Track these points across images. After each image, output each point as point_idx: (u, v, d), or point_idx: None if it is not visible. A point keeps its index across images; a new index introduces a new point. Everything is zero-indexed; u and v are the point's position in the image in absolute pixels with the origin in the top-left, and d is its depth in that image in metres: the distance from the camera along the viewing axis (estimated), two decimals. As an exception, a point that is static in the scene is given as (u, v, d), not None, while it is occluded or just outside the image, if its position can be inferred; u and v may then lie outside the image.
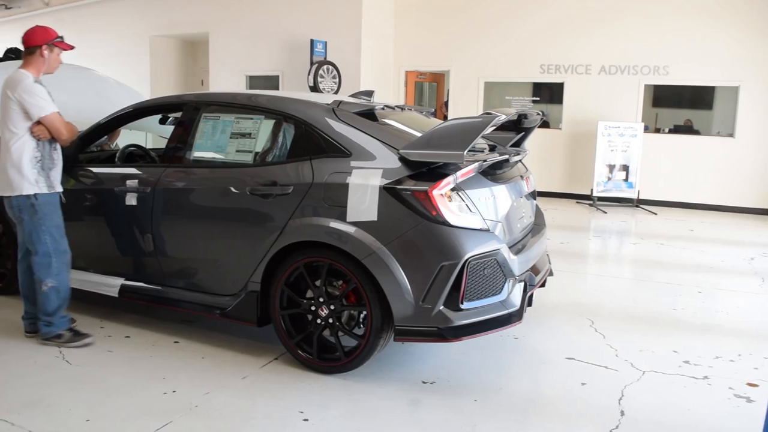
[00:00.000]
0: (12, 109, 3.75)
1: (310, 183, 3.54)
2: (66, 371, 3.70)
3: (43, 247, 3.88)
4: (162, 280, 4.13)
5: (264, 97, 4.05)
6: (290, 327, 3.70)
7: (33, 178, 3.82)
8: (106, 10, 13.77)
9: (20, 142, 3.78)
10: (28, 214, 3.85)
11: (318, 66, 10.58)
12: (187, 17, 12.60)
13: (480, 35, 11.34)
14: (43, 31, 3.88)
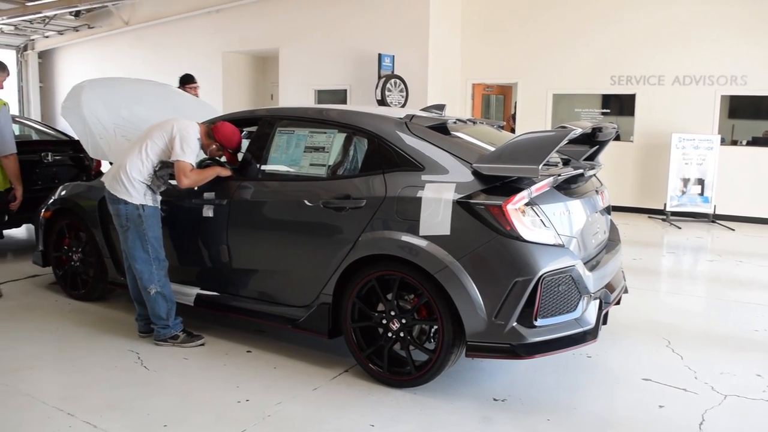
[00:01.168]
0: (162, 137, 4.11)
1: (383, 197, 3.56)
2: (144, 376, 3.82)
3: (145, 255, 4.12)
4: (236, 291, 4.23)
5: (336, 111, 4.11)
6: (361, 340, 3.71)
7: (142, 192, 4.11)
8: (181, 28, 14.27)
9: (141, 164, 4.10)
10: (134, 223, 4.09)
11: (386, 80, 10.66)
12: (259, 33, 12.92)
13: (548, 47, 11.20)
14: (230, 136, 4.22)
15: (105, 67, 15.42)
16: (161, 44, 14.81)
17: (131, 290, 4.39)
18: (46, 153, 6.96)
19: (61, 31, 16.34)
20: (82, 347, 4.27)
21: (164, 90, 6.10)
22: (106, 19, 15.49)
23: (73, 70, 17.56)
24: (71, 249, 5.20)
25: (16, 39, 17.36)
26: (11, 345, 4.33)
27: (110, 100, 5.22)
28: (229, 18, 13.34)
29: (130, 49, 15.48)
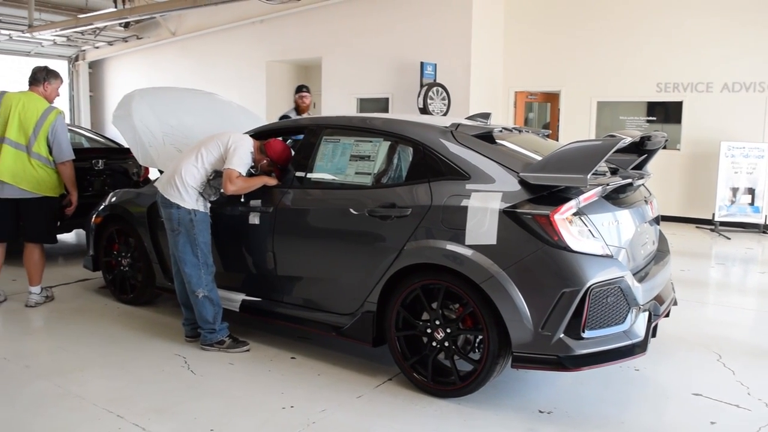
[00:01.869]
0: (217, 147, 4.24)
1: (428, 205, 3.55)
2: (190, 381, 3.88)
3: (194, 259, 4.21)
4: (281, 297, 4.27)
5: (382, 120, 4.12)
6: (405, 348, 3.70)
7: (194, 198, 4.21)
8: (226, 38, 14.53)
9: (196, 171, 4.21)
10: (185, 227, 4.19)
11: (428, 88, 10.67)
12: (302, 43, 13.07)
13: (593, 54, 11.06)
14: (280, 152, 4.33)
15: (152, 77, 15.80)
16: (207, 54, 15.11)
17: (179, 295, 4.47)
18: (96, 160, 7.15)
19: (110, 41, 16.80)
20: (131, 350, 4.36)
21: (210, 99, 6.21)
22: (153, 30, 15.87)
23: (122, 79, 18.04)
24: (120, 254, 5.32)
25: (68, 50, 17.92)
26: (63, 347, 4.44)
27: (159, 109, 5.34)
28: (272, 28, 13.53)
29: (177, 58, 15.83)
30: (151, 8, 12.50)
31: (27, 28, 13.65)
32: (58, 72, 5.55)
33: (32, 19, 13.22)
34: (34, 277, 5.36)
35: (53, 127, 5.20)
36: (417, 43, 11.44)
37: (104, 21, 13.28)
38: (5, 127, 5.11)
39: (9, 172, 5.10)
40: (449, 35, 11.09)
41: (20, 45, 16.85)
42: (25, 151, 5.13)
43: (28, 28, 13.52)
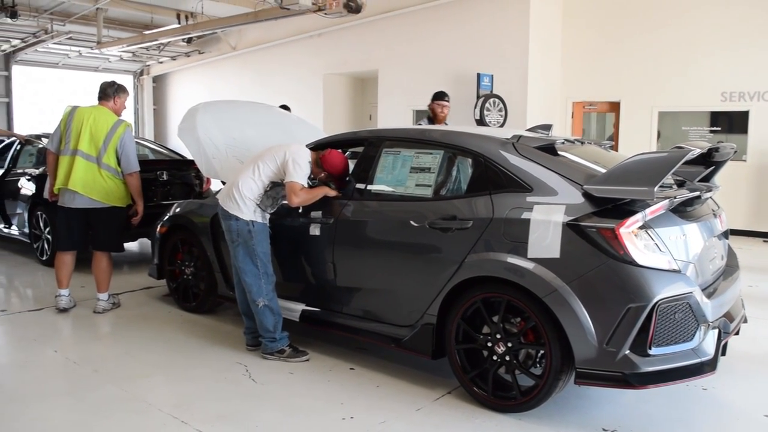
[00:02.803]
0: (274, 160, 4.29)
1: (489, 218, 3.53)
2: (252, 389, 3.94)
3: (254, 269, 4.28)
4: (340, 308, 4.30)
5: (442, 132, 4.12)
6: (465, 362, 3.68)
7: (252, 210, 4.29)
8: (284, 51, 14.80)
9: (253, 184, 4.29)
10: (244, 238, 4.27)
11: (484, 99, 10.61)
12: (359, 55, 13.20)
13: (654, 62, 10.80)
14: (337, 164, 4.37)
15: (213, 90, 16.21)
16: (265, 67, 15.41)
17: (240, 304, 4.55)
18: (161, 172, 7.37)
19: (173, 56, 17.34)
20: (194, 358, 4.46)
21: (271, 112, 6.33)
22: (215, 45, 16.29)
23: (184, 92, 18.58)
24: (184, 263, 5.46)
25: (134, 65, 18.58)
26: (129, 352, 4.58)
27: (222, 122, 5.47)
28: (330, 41, 13.71)
29: (237, 72, 16.20)
30: (213, 24, 12.84)
31: (96, 45, 14.21)
32: (125, 86, 5.77)
33: (101, 36, 13.75)
34: (102, 285, 5.55)
35: (122, 140, 5.40)
36: (473, 54, 11.40)
37: (168, 37, 13.71)
38: (78, 140, 5.32)
39: (80, 183, 5.30)
40: (506, 46, 11.02)
41: (89, 61, 17.56)
42: (95, 162, 5.33)
43: (97, 44, 14.07)
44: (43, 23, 13.57)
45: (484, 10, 11.26)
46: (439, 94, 6.77)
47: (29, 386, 3.97)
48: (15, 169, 8.08)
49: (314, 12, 9.68)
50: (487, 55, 11.25)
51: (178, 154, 8.52)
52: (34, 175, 7.53)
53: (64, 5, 12.96)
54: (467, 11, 11.49)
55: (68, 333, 5.16)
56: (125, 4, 12.95)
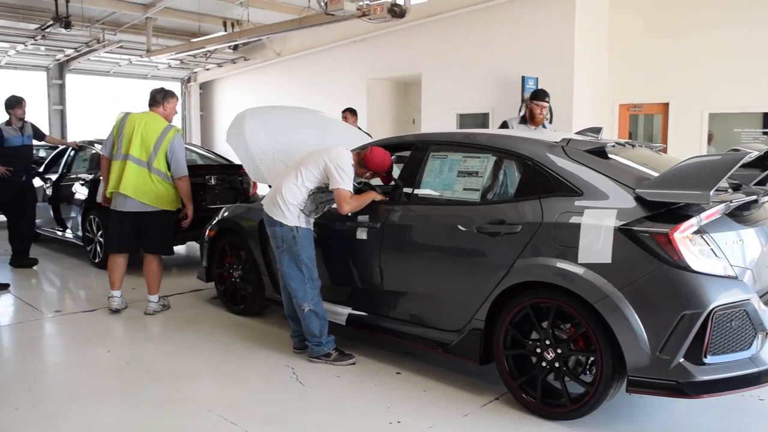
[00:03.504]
0: (316, 165, 4.29)
1: (539, 222, 3.49)
2: (299, 391, 3.97)
3: (299, 274, 4.30)
4: (387, 312, 4.30)
5: (489, 135, 4.10)
6: (513, 368, 3.64)
7: (296, 215, 4.30)
8: (328, 57, 14.91)
9: (296, 190, 4.30)
10: (288, 244, 4.30)
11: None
12: (402, 60, 13.22)
13: (704, 63, 10.52)
14: (380, 162, 4.36)
15: (257, 96, 16.42)
16: (309, 73, 15.56)
17: (286, 308, 4.59)
18: (209, 176, 7.50)
19: (220, 63, 17.63)
20: (242, 360, 4.52)
21: (317, 117, 6.38)
22: (260, 51, 16.52)
23: (230, 99, 18.89)
24: (232, 266, 5.54)
25: (181, 72, 18.96)
26: (179, 353, 4.67)
27: (269, 127, 5.54)
28: (373, 46, 13.76)
29: (281, 78, 16.39)
30: (258, 31, 13.01)
31: (145, 53, 14.54)
32: (173, 92, 5.87)
33: (150, 44, 14.07)
34: (152, 287, 5.67)
35: (172, 145, 5.51)
36: (518, 57, 11.31)
37: (215, 44, 13.95)
38: (129, 145, 5.45)
39: (131, 187, 5.43)
40: (551, 48, 10.90)
41: (138, 68, 18.00)
42: (146, 167, 5.45)
43: (147, 52, 14.40)
44: (96, 33, 13.94)
45: (529, 12, 11.16)
46: (539, 92, 6.25)
47: (85, 385, 4.08)
48: (69, 174, 8.33)
49: (358, 17, 9.72)
50: (531, 57, 11.14)
51: (226, 159, 8.67)
52: (87, 179, 7.75)
53: (115, 15, 13.31)
54: (511, 14, 11.40)
55: (120, 334, 5.29)
56: (174, 14, 13.23)
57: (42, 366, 4.60)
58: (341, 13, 9.25)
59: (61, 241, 8.76)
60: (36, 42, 14.15)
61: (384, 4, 9.42)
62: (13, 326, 5.46)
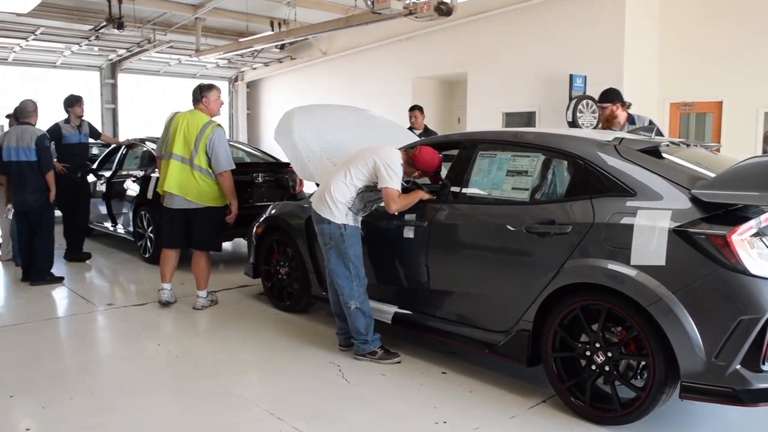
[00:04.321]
0: (365, 164, 4.29)
1: (590, 223, 3.42)
2: (345, 389, 3.98)
3: (347, 272, 4.32)
4: (433, 311, 4.29)
5: (540, 134, 4.04)
6: (562, 370, 3.58)
7: (344, 213, 4.32)
8: (373, 56, 14.94)
9: (345, 188, 4.31)
10: (336, 241, 4.32)
11: (577, 101, 10.33)
12: (448, 58, 13.16)
13: (759, 59, 10.18)
14: (429, 161, 4.35)
15: (303, 95, 16.55)
16: (354, 72, 15.61)
17: (332, 305, 4.61)
18: (256, 174, 7.60)
19: (266, 62, 17.83)
20: (288, 356, 4.56)
21: (363, 115, 6.40)
22: (306, 51, 16.65)
23: (275, 97, 19.10)
24: (279, 263, 5.60)
25: (229, 71, 19.25)
26: (226, 349, 4.74)
27: (317, 126, 5.57)
28: (418, 44, 13.73)
29: (327, 77, 16.49)
30: (305, 30, 13.11)
31: (194, 53, 14.80)
32: (211, 84, 5.81)
33: (199, 44, 14.31)
34: (200, 282, 5.77)
35: (210, 140, 5.50)
36: (565, 55, 11.14)
37: (262, 44, 14.10)
38: (173, 143, 5.54)
39: (176, 184, 5.53)
40: (600, 46, 10.71)
41: (187, 68, 18.34)
42: (188, 164, 5.51)
43: (196, 52, 14.66)
44: (147, 33, 14.25)
45: (577, 10, 10.99)
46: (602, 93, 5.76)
47: (136, 377, 4.18)
48: (121, 171, 8.54)
49: (405, 16, 9.71)
50: (579, 55, 10.97)
51: (273, 156, 8.76)
52: (138, 176, 7.93)
53: (165, 16, 13.58)
54: (559, 11, 11.24)
55: (170, 328, 5.40)
56: (222, 14, 13.43)
57: (95, 357, 4.73)
58: (388, 11, 9.26)
59: (113, 236, 8.99)
60: (90, 42, 14.52)
61: (431, 2, 9.38)
62: (68, 318, 5.62)
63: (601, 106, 5.66)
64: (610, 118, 5.58)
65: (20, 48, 14.77)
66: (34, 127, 6.78)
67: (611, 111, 5.55)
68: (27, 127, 6.72)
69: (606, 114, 5.60)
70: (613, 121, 5.57)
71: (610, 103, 5.56)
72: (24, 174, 6.59)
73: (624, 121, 5.57)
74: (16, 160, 6.58)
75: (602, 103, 5.62)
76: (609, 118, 5.58)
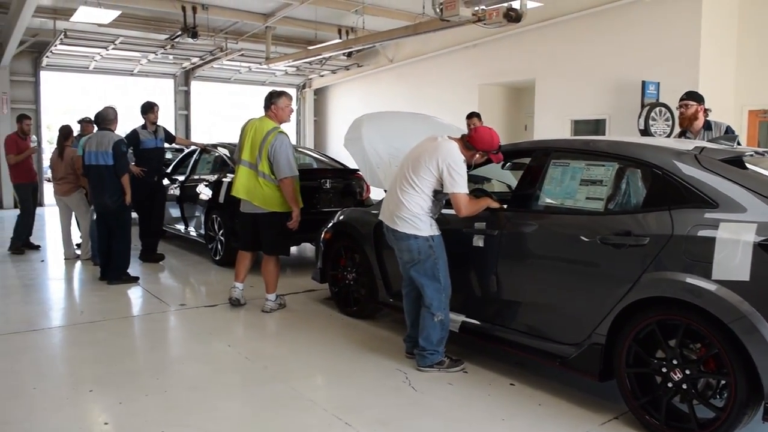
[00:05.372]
0: (430, 170, 4.18)
1: (669, 235, 3.31)
2: (411, 397, 3.97)
3: (437, 284, 4.25)
4: (502, 321, 4.23)
5: (617, 143, 3.94)
6: (636, 387, 3.47)
7: (428, 224, 4.25)
8: (440, 63, 14.94)
9: (419, 198, 4.22)
10: (425, 254, 4.24)
11: (650, 108, 10.05)
12: (515, 65, 13.03)
13: None
14: (489, 139, 4.28)
15: (369, 101, 16.69)
16: (420, 79, 15.65)
17: (407, 313, 4.55)
18: (324, 180, 7.70)
19: (334, 70, 18.07)
20: (355, 361, 4.58)
21: (432, 122, 6.39)
22: (373, 58, 16.79)
23: (342, 104, 19.33)
24: (346, 269, 5.64)
25: (297, 78, 19.60)
26: (295, 352, 4.80)
27: (386, 132, 5.60)
28: (486, 51, 13.65)
29: (393, 84, 16.59)
30: (373, 38, 13.23)
31: (264, 61, 15.15)
32: (282, 91, 5.86)
33: (269, 52, 14.64)
34: (269, 286, 5.87)
35: (272, 146, 5.54)
36: (638, 61, 10.86)
37: (331, 51, 14.30)
38: (242, 150, 5.67)
39: (244, 189, 5.65)
40: (674, 52, 10.38)
41: (257, 75, 18.78)
42: (254, 170, 5.61)
43: (266, 60, 15.00)
44: (219, 42, 14.68)
45: (651, 15, 10.70)
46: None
47: (208, 377, 4.28)
48: (194, 176, 8.80)
49: (473, 23, 9.67)
50: (652, 61, 10.66)
51: (340, 163, 8.85)
52: (210, 181, 8.16)
53: (237, 25, 13.96)
54: (631, 16, 10.97)
55: (240, 330, 5.52)
56: (292, 22, 13.70)
57: (168, 356, 4.89)
58: (456, 19, 9.23)
59: (185, 238, 9.27)
60: (165, 51, 15.06)
61: (500, 8, 9.32)
62: (143, 317, 5.83)
63: (687, 104, 5.50)
64: (692, 119, 5.45)
65: (101, 57, 15.44)
66: (113, 133, 7.08)
67: (696, 110, 5.44)
68: (107, 132, 7.03)
69: (689, 113, 5.46)
70: (693, 123, 5.46)
71: (697, 103, 5.45)
72: (103, 177, 6.89)
73: (701, 127, 5.45)
74: (96, 163, 6.88)
75: (689, 100, 5.49)
76: (691, 118, 5.45)
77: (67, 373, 4.43)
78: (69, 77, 17.73)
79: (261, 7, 12.96)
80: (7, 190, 14.98)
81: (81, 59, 15.93)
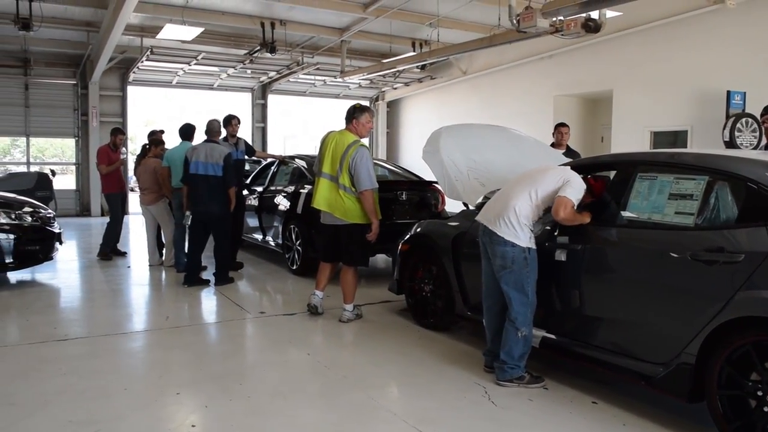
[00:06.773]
0: (554, 184, 4.16)
1: (765, 252, 3.19)
2: (492, 412, 3.94)
3: (524, 297, 4.22)
4: (584, 338, 4.15)
5: (708, 156, 3.82)
6: (728, 410, 3.34)
7: (529, 236, 4.22)
8: (514, 74, 14.84)
9: (530, 209, 4.20)
10: (519, 265, 4.20)
11: (735, 119, 9.67)
12: (592, 76, 12.82)
13: None
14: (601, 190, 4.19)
15: (440, 114, 16.72)
16: (494, 90, 15.58)
17: (489, 327, 4.51)
18: (400, 192, 7.76)
19: (407, 82, 18.21)
20: (433, 374, 4.59)
21: (510, 135, 6.36)
22: (446, 70, 16.83)
23: (414, 116, 19.44)
24: (423, 281, 5.66)
25: (370, 91, 19.86)
26: (373, 362, 4.85)
27: (464, 145, 5.61)
28: (561, 62, 13.49)
29: (466, 95, 16.57)
30: (447, 50, 13.28)
31: (339, 74, 15.43)
32: (366, 107, 5.94)
33: (344, 65, 14.91)
34: (347, 296, 5.96)
35: (353, 159, 5.62)
36: (722, 70, 10.49)
37: (405, 64, 14.43)
38: (322, 162, 5.78)
39: (325, 201, 5.76)
40: (761, 59, 9.97)
41: (332, 89, 19.13)
42: (335, 182, 5.71)
43: (341, 73, 15.28)
44: (296, 56, 15.05)
45: (735, 21, 10.33)
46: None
47: (289, 384, 4.37)
48: (272, 187, 9.03)
49: (551, 34, 9.57)
50: (738, 70, 10.29)
51: (416, 175, 8.90)
52: (288, 192, 8.35)
53: (313, 39, 14.29)
54: (714, 23, 10.63)
55: (318, 338, 5.62)
56: (367, 36, 13.93)
57: (250, 362, 5.03)
58: (533, 30, 9.17)
59: (262, 247, 9.50)
60: (244, 66, 15.56)
61: (578, 19, 9.19)
62: (225, 323, 6.02)
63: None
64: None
65: (183, 72, 16.08)
66: (221, 146, 7.42)
67: None
68: (215, 145, 7.40)
69: None
70: None
71: None
72: (212, 187, 7.25)
73: None
74: (204, 174, 7.22)
75: None
76: None
77: (156, 376, 4.61)
78: (149, 91, 18.58)
79: (336, 22, 13.23)
80: (96, 200, 15.77)
81: (165, 74, 16.66)
